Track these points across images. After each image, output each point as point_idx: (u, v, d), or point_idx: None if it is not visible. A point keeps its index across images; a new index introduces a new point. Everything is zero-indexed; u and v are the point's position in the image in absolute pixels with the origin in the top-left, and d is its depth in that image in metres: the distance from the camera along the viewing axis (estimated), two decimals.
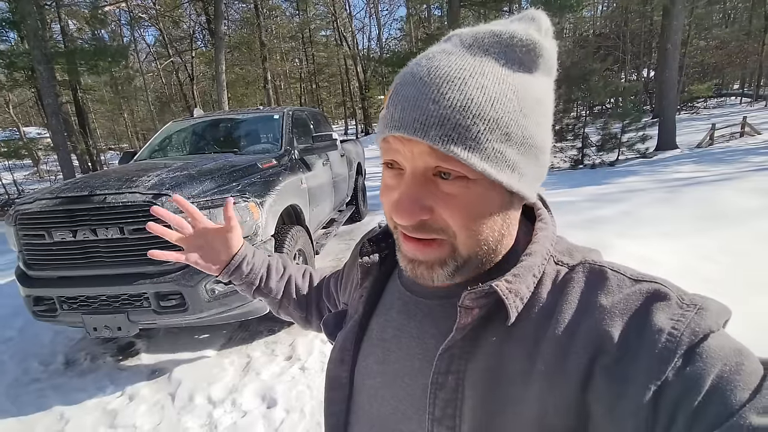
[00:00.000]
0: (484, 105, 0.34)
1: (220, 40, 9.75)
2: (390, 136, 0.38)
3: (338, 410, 0.52)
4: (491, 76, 0.35)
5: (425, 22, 22.28)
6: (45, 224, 2.20)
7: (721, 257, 2.88)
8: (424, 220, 0.38)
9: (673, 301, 0.34)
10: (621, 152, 8.34)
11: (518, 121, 0.36)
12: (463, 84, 0.35)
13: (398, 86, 0.38)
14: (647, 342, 0.32)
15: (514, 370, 0.38)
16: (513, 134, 0.36)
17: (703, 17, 19.60)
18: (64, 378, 2.45)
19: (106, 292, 2.21)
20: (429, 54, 0.38)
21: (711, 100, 19.91)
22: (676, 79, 9.52)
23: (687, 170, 6.21)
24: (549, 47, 0.39)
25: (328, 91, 29.86)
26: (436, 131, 0.34)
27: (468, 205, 0.37)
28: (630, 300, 0.35)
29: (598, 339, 0.34)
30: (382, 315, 0.51)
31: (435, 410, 0.40)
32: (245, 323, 2.86)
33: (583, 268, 0.40)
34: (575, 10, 11.74)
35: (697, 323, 0.32)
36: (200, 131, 3.96)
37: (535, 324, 0.38)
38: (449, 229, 0.38)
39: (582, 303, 0.37)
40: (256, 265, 0.71)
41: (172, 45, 18.11)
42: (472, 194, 0.37)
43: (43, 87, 7.61)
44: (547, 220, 0.45)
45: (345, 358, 0.51)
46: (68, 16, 11.17)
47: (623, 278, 0.37)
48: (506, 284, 0.37)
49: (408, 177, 0.38)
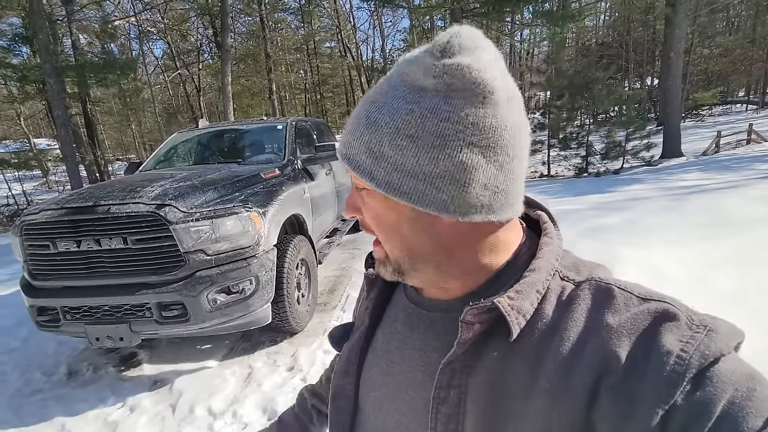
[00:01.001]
0: (379, 133, 0.38)
1: (227, 53, 9.90)
2: None
3: (343, 421, 0.52)
4: (387, 110, 0.38)
5: (428, 33, 22.52)
6: (50, 235, 2.22)
7: (730, 266, 2.84)
8: (362, 219, 0.44)
9: (683, 322, 0.33)
10: (626, 160, 8.31)
11: (408, 148, 0.37)
12: (362, 115, 0.40)
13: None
14: (655, 364, 0.32)
15: (516, 385, 0.37)
16: (402, 160, 0.37)
17: (706, 25, 19.63)
18: (66, 388, 2.45)
19: (109, 302, 2.22)
20: (378, 82, 0.44)
21: (716, 107, 19.83)
22: (680, 87, 9.51)
23: (692, 178, 6.16)
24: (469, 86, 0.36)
25: (333, 101, 30.14)
26: (344, 148, 0.41)
27: (374, 213, 0.42)
28: (637, 320, 0.35)
29: (604, 359, 0.34)
30: (387, 327, 0.51)
31: (437, 425, 0.40)
32: (247, 333, 2.85)
33: (589, 286, 0.39)
34: (577, 20, 11.84)
35: (707, 346, 0.31)
36: (205, 142, 4.00)
37: (538, 340, 0.38)
38: (376, 234, 0.44)
39: (588, 322, 0.36)
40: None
41: (179, 58, 18.42)
42: (374, 205, 0.42)
43: (54, 99, 7.75)
44: (552, 235, 0.44)
45: (350, 370, 0.52)
46: (79, 30, 11.42)
47: (631, 297, 0.37)
48: (508, 301, 0.37)
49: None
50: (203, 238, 2.20)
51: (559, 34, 10.81)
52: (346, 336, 0.56)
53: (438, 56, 0.36)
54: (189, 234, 2.17)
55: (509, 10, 11.61)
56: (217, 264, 2.25)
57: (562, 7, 11.39)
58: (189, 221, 2.17)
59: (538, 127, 8.93)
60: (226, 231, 2.25)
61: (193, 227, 2.18)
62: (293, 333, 2.79)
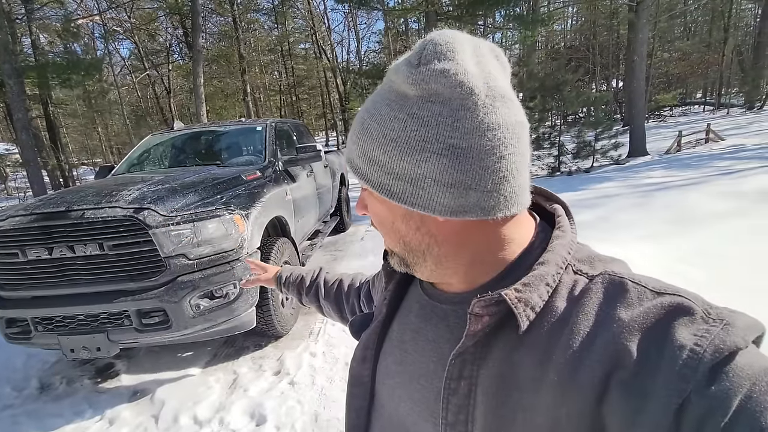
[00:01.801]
0: (369, 139, 0.41)
1: (198, 53, 9.66)
2: None
3: (359, 406, 0.54)
4: (376, 118, 0.41)
5: (403, 36, 22.67)
6: (18, 242, 2.11)
7: (698, 259, 3.00)
8: (369, 215, 0.48)
9: (698, 316, 0.33)
10: (595, 159, 8.63)
11: (395, 152, 0.40)
12: (360, 123, 0.43)
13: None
14: (668, 358, 0.31)
15: (525, 377, 0.38)
16: (391, 163, 0.40)
17: (666, 30, 20.66)
18: (38, 403, 2.33)
19: (85, 311, 2.12)
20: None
21: (676, 108, 20.88)
22: (643, 89, 9.97)
23: (658, 175, 6.46)
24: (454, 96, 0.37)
25: (309, 103, 29.88)
26: (348, 152, 0.45)
27: (374, 212, 0.46)
28: (650, 314, 0.34)
29: (615, 353, 0.34)
30: (402, 317, 0.53)
31: (448, 415, 0.41)
32: (231, 339, 2.79)
33: (602, 280, 0.39)
34: (546, 24, 12.23)
35: (722, 339, 0.31)
36: (181, 144, 3.90)
37: (548, 333, 0.38)
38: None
39: (599, 315, 0.36)
40: (292, 281, 0.91)
41: (148, 58, 17.81)
42: (374, 204, 0.46)
43: (13, 101, 7.37)
44: (565, 228, 0.44)
45: (367, 357, 0.54)
46: (39, 29, 10.88)
47: (644, 290, 0.36)
48: (515, 293, 0.38)
49: None
50: (184, 242, 2.15)
51: (530, 37, 11.13)
52: (366, 325, 0.57)
53: (415, 64, 0.38)
54: (170, 238, 2.11)
55: (482, 14, 11.86)
56: (200, 268, 2.20)
57: (532, 12, 11.74)
58: (169, 225, 2.11)
59: None
60: (209, 234, 2.21)
61: (173, 231, 2.12)
62: (278, 337, 2.75)
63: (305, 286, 0.88)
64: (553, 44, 27.21)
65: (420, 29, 20.98)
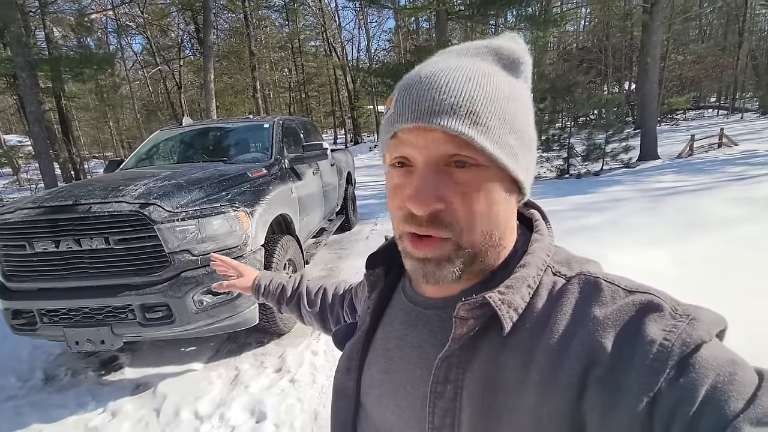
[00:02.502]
0: (490, 95, 0.38)
1: (209, 49, 9.71)
2: (402, 130, 0.40)
3: (345, 418, 0.54)
4: (492, 73, 0.40)
5: (413, 34, 22.62)
6: (26, 234, 2.13)
7: (704, 264, 2.95)
8: (438, 210, 0.39)
9: (666, 312, 0.34)
10: (605, 162, 8.52)
11: (516, 113, 0.40)
12: (471, 76, 0.38)
13: (403, 88, 0.41)
14: (639, 353, 0.33)
15: (510, 379, 0.38)
16: (514, 124, 0.40)
17: (680, 33, 20.35)
18: (42, 394, 2.35)
19: (90, 304, 2.14)
20: (428, 62, 0.42)
21: (690, 112, 20.55)
22: (656, 92, 9.82)
23: (669, 180, 6.37)
24: (528, 60, 0.44)
25: (318, 100, 29.92)
26: (451, 117, 0.37)
27: (480, 193, 0.39)
28: (623, 311, 0.36)
29: (591, 350, 0.35)
30: (387, 326, 0.52)
31: (434, 419, 0.41)
32: (233, 335, 2.80)
33: (578, 280, 0.40)
34: (559, 24, 12.11)
35: (689, 334, 0.32)
36: (189, 140, 3.92)
37: (530, 334, 0.39)
38: (458, 224, 0.39)
39: (576, 314, 0.37)
40: (272, 290, 0.85)
41: (159, 53, 17.97)
42: (483, 182, 0.39)
43: (26, 94, 7.46)
44: (543, 231, 0.46)
45: (351, 367, 0.53)
46: (53, 23, 11.03)
47: (617, 289, 0.38)
48: (499, 295, 0.38)
49: (422, 167, 0.40)
50: (189, 238, 2.16)
51: (542, 38, 11.01)
52: (350, 335, 0.57)
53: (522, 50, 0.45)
54: (174, 234, 2.12)
55: (493, 14, 11.74)
56: (204, 264, 2.20)
57: (544, 12, 11.62)
58: (174, 221, 2.12)
59: None
60: (213, 231, 2.21)
61: (178, 227, 2.13)
62: (280, 334, 2.76)
63: (286, 296, 0.84)
64: (565, 45, 26.94)
65: (431, 28, 20.89)
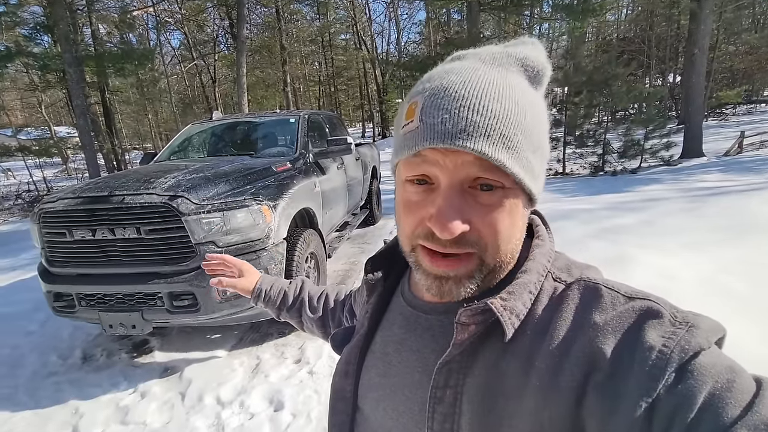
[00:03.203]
0: (519, 116, 0.37)
1: (242, 44, 9.94)
2: (427, 150, 0.37)
3: (342, 421, 0.54)
4: (518, 89, 0.38)
5: (444, 27, 22.23)
6: (66, 223, 2.27)
7: (748, 270, 2.75)
8: (464, 232, 0.38)
9: (666, 319, 0.34)
10: (644, 159, 8.11)
11: (539, 131, 0.40)
12: (500, 96, 0.37)
13: (428, 99, 0.38)
14: (638, 359, 0.33)
15: (510, 385, 0.38)
16: (538, 143, 0.39)
17: (732, 22, 18.90)
18: (80, 372, 2.52)
19: (122, 290, 2.26)
20: (453, 70, 0.39)
21: (740, 106, 19.17)
22: (703, 85, 9.21)
23: (713, 179, 5.98)
24: (549, 71, 0.43)
25: (347, 94, 30.05)
26: (484, 141, 0.35)
27: (504, 215, 0.39)
28: (623, 317, 0.36)
29: (591, 356, 0.35)
30: (385, 330, 0.52)
31: (433, 424, 0.40)
32: (256, 325, 2.88)
33: (578, 285, 0.40)
34: (598, 14, 11.54)
35: (688, 341, 0.32)
36: (218, 133, 4.03)
37: (530, 339, 0.39)
38: (482, 241, 0.39)
39: (576, 320, 0.37)
40: (273, 296, 0.82)
41: (196, 48, 18.55)
42: (508, 204, 0.39)
43: (73, 88, 7.90)
44: (544, 237, 0.46)
45: (349, 371, 0.53)
46: (98, 20, 11.59)
47: (617, 295, 0.38)
48: (501, 302, 0.38)
49: (446, 189, 0.38)
50: (214, 230, 2.22)
51: (579, 28, 10.55)
52: (347, 339, 0.57)
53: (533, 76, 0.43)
54: (200, 225, 2.19)
55: (528, 3, 11.36)
56: None
57: (583, 1, 11.09)
58: (200, 213, 2.19)
59: (554, 124, 8.74)
60: (237, 223, 2.27)
61: (204, 219, 2.20)
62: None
63: (288, 303, 0.81)
64: (604, 35, 25.69)
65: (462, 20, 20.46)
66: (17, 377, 2.50)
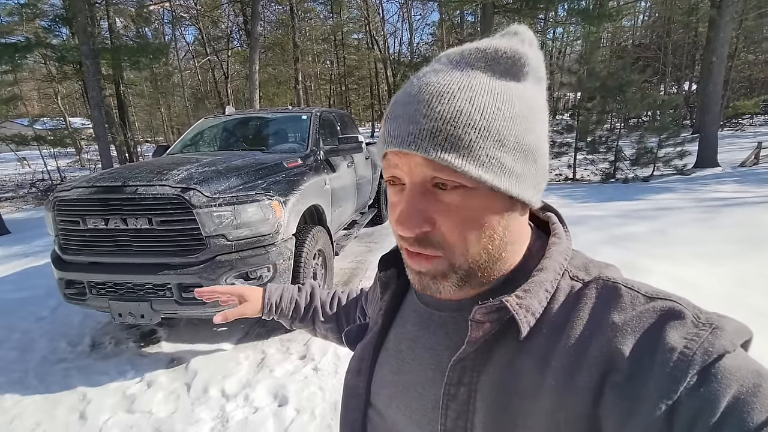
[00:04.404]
0: (474, 115, 0.36)
1: (256, 41, 10.00)
2: (389, 152, 0.40)
3: (354, 418, 0.54)
4: (479, 88, 0.37)
5: (458, 28, 22.18)
6: (80, 211, 2.30)
7: (765, 284, 2.70)
8: (426, 232, 0.39)
9: (688, 320, 0.33)
10: (656, 167, 8.01)
11: (510, 128, 0.37)
12: (451, 97, 0.36)
13: (394, 105, 0.40)
14: (659, 361, 0.32)
15: (525, 384, 0.38)
16: (506, 140, 0.37)
17: (752, 30, 18.58)
18: (89, 360, 2.55)
19: (133, 280, 2.28)
20: (420, 73, 0.40)
21: (758, 117, 18.84)
22: (720, 94, 9.06)
23: (728, 190, 5.89)
24: (534, 57, 0.40)
25: (357, 93, 30.12)
26: (428, 143, 0.36)
27: (467, 214, 0.38)
28: (643, 317, 0.35)
29: (609, 356, 0.34)
30: (399, 327, 0.52)
31: (447, 421, 0.40)
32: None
33: (597, 284, 0.39)
34: (614, 19, 11.42)
35: (711, 343, 0.31)
36: (230, 128, 4.06)
37: (546, 338, 0.38)
38: (446, 243, 0.39)
39: (594, 319, 0.37)
40: (284, 308, 0.78)
41: (209, 44, 18.74)
42: (471, 203, 0.38)
43: (89, 80, 8.01)
44: (560, 235, 0.45)
45: (362, 368, 0.53)
46: (116, 14, 11.74)
47: (637, 295, 0.37)
48: (516, 300, 0.38)
49: (408, 190, 0.39)
50: (225, 224, 2.24)
51: (595, 33, 10.46)
52: (361, 336, 0.57)
53: (525, 46, 0.42)
54: (211, 218, 2.21)
55: (543, 7, 11.29)
56: (237, 249, 2.28)
57: (599, 6, 10.98)
58: (212, 206, 2.20)
59: (566, 129, 8.66)
60: (247, 218, 2.28)
61: (215, 212, 2.21)
62: None
63: (300, 313, 0.78)
64: (619, 41, 25.41)
65: (476, 22, 20.36)
66: (27, 362, 2.54)
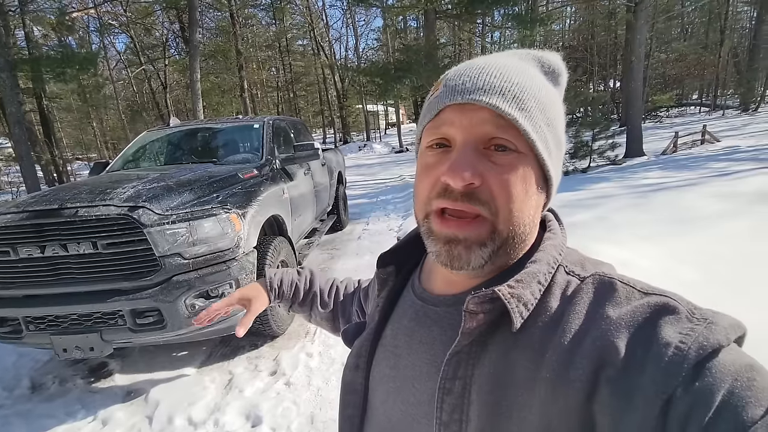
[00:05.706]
0: (533, 90, 0.41)
1: (195, 48, 9.55)
2: (449, 108, 0.41)
3: (352, 414, 0.54)
4: (535, 76, 0.43)
5: (401, 33, 22.61)
6: (10, 240, 2.07)
7: (696, 259, 3.00)
8: (473, 187, 0.39)
9: (683, 315, 0.34)
10: (592, 159, 8.63)
11: (555, 115, 0.43)
12: (517, 72, 0.41)
13: (453, 72, 0.43)
14: (654, 355, 0.32)
15: (520, 377, 0.38)
16: (552, 122, 0.42)
17: (663, 31, 20.69)
18: (30, 404, 2.29)
19: (77, 310, 2.09)
20: (477, 58, 0.45)
21: (673, 109, 20.93)
22: (641, 90, 9.97)
23: (654, 176, 6.47)
24: (566, 75, 0.48)
25: (306, 100, 29.70)
26: (498, 97, 0.39)
27: (517, 178, 0.40)
28: (638, 312, 0.35)
29: (603, 350, 0.34)
30: (395, 323, 0.53)
31: (442, 415, 0.41)
32: (226, 338, 2.77)
33: (593, 280, 0.40)
34: (545, 23, 12.19)
35: (706, 337, 0.32)
36: (177, 141, 3.85)
37: (541, 331, 0.38)
38: (493, 202, 0.39)
39: (589, 313, 0.37)
40: (285, 291, 0.79)
41: (144, 53, 17.62)
42: (521, 169, 0.40)
43: (6, 95, 7.26)
44: (556, 231, 0.47)
45: (360, 364, 0.53)
46: (33, 22, 10.74)
47: (632, 291, 0.38)
48: (508, 289, 0.38)
49: (461, 145, 0.40)
50: (180, 241, 2.12)
51: (529, 37, 11.10)
52: (359, 333, 0.57)
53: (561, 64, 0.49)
54: (165, 237, 2.08)
55: (480, 12, 11.80)
56: (195, 268, 2.17)
57: (531, 11, 11.70)
58: (164, 224, 2.08)
59: None
60: (204, 233, 2.18)
61: (168, 230, 2.09)
62: (274, 336, 2.73)
63: (299, 297, 0.80)
64: (551, 44, 27.20)
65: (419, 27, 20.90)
66: None
